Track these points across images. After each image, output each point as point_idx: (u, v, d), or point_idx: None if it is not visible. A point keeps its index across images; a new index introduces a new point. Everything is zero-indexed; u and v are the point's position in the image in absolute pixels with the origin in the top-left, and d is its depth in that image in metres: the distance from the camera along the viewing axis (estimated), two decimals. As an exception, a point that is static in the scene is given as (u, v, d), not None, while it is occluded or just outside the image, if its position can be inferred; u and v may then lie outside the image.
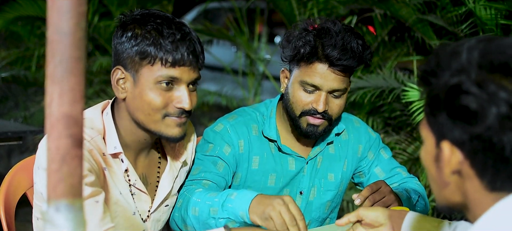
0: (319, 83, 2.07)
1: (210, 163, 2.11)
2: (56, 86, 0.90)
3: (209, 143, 2.16)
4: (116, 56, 1.77)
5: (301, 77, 2.09)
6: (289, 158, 2.22)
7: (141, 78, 1.73)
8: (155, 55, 1.71)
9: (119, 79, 1.76)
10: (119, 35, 1.76)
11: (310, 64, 2.07)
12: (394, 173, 2.32)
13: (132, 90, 1.75)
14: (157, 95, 1.73)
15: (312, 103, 2.09)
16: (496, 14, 3.38)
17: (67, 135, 0.91)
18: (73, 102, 0.91)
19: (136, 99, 1.75)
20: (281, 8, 4.54)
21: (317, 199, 2.27)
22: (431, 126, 1.10)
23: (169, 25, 1.73)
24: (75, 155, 0.91)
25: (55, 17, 0.90)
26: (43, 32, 5.47)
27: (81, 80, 0.92)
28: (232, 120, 2.20)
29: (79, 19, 0.90)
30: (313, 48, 2.05)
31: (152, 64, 1.72)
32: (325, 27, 2.09)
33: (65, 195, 0.91)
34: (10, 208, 1.94)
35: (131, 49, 1.73)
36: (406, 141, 3.82)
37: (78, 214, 0.92)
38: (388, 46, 4.14)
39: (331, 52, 2.04)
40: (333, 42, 2.04)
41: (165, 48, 1.71)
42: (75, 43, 0.90)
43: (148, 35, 1.72)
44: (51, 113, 0.91)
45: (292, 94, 2.13)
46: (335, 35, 2.06)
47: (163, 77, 1.72)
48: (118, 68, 1.75)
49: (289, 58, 2.12)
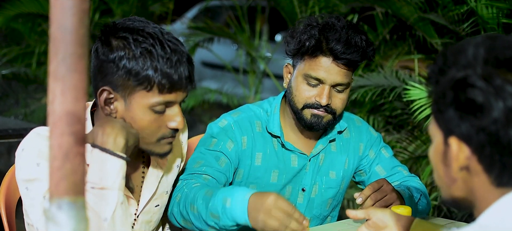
0: (323, 76, 2.09)
1: (213, 157, 2.11)
2: (59, 84, 0.90)
3: (213, 137, 2.16)
4: (102, 74, 1.65)
5: (305, 70, 2.11)
6: (292, 155, 2.22)
7: (134, 103, 1.66)
8: (152, 81, 1.63)
9: (107, 100, 1.67)
10: (106, 52, 1.64)
11: (314, 57, 2.09)
12: (395, 172, 2.32)
13: (123, 113, 1.68)
14: (152, 120, 1.68)
15: (315, 97, 2.12)
16: (498, 13, 3.37)
17: (69, 132, 0.90)
18: (76, 100, 0.91)
19: (128, 122, 1.68)
20: (282, 6, 4.53)
21: (318, 196, 2.26)
22: (438, 123, 1.11)
23: (163, 45, 1.64)
24: (77, 152, 0.91)
25: (58, 14, 0.89)
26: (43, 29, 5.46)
27: (84, 77, 0.91)
28: (236, 116, 2.20)
29: (82, 16, 0.90)
30: (318, 41, 2.08)
31: (148, 90, 1.64)
32: (330, 22, 2.10)
33: (67, 193, 0.90)
34: (10, 205, 1.94)
35: (122, 71, 1.63)
36: (407, 140, 3.81)
37: (80, 212, 0.91)
38: (389, 45, 4.13)
39: (336, 46, 2.06)
40: (337, 37, 2.06)
41: (163, 74, 1.63)
42: (78, 40, 0.90)
43: (143, 57, 1.62)
44: (53, 111, 0.90)
45: (295, 87, 2.15)
46: (339, 29, 2.08)
47: (160, 103, 1.66)
48: (105, 89, 1.65)
49: (293, 51, 2.14)
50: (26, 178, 1.66)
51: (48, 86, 0.91)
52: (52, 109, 0.90)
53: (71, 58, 0.90)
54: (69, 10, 0.89)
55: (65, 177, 0.90)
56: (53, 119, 0.90)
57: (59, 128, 0.90)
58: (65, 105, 0.90)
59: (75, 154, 0.91)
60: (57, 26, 0.90)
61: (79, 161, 0.91)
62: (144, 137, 1.70)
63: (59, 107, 0.90)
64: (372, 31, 4.17)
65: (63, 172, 0.90)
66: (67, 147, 0.90)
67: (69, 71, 0.90)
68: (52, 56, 0.90)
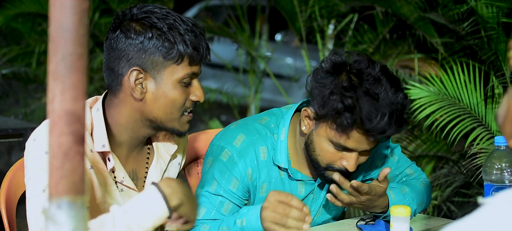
0: (354, 146, 1.91)
1: (216, 205, 2.03)
2: (58, 83, 0.90)
3: (214, 178, 2.03)
4: (126, 58, 1.72)
5: (332, 137, 1.91)
6: (299, 183, 2.10)
7: (164, 78, 1.73)
8: (183, 54, 1.72)
9: (137, 80, 1.73)
10: (131, 36, 1.72)
11: (346, 130, 1.88)
12: (402, 177, 2.26)
13: (155, 91, 1.74)
14: (181, 94, 1.75)
15: (342, 161, 1.95)
16: (498, 12, 3.37)
17: (69, 131, 0.90)
18: (75, 99, 0.91)
19: (158, 99, 1.74)
20: (282, 5, 4.53)
21: (321, 217, 2.21)
22: None
23: (183, 20, 1.73)
24: (77, 151, 0.91)
25: (57, 13, 0.89)
26: (43, 29, 5.46)
27: (83, 77, 0.91)
28: (239, 144, 2.03)
29: (82, 15, 0.90)
30: (354, 120, 1.84)
31: (178, 63, 1.72)
32: (366, 90, 1.85)
33: (67, 192, 0.90)
34: (11, 205, 1.93)
35: (153, 49, 1.71)
36: (407, 139, 3.81)
37: (80, 212, 0.91)
38: (389, 44, 4.13)
39: (376, 126, 1.84)
40: (375, 113, 1.83)
41: (192, 45, 1.72)
42: (78, 40, 0.90)
43: (170, 33, 1.71)
44: (53, 110, 0.90)
45: (319, 146, 1.95)
46: (376, 99, 1.84)
47: (188, 75, 1.74)
48: (135, 69, 1.72)
49: (322, 116, 1.90)
50: (34, 167, 1.66)
51: (47, 86, 0.91)
52: (52, 108, 0.90)
53: (70, 57, 0.90)
54: (69, 10, 0.89)
55: (65, 177, 0.90)
56: (53, 118, 0.90)
57: (59, 127, 0.90)
58: (64, 105, 0.90)
59: (75, 153, 0.91)
60: (56, 25, 0.89)
61: (78, 161, 0.91)
62: (171, 112, 1.76)
63: (58, 106, 0.90)
64: (372, 30, 4.17)
65: (62, 171, 0.90)
66: (66, 146, 0.90)
67: (68, 70, 0.90)
68: (51, 55, 0.90)
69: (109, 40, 1.76)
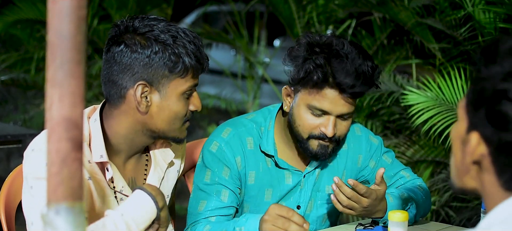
0: (329, 108, 2.01)
1: (214, 194, 2.08)
2: (56, 90, 0.91)
3: (206, 168, 2.11)
4: (130, 72, 1.73)
5: (309, 101, 2.03)
6: (286, 172, 2.17)
7: (169, 91, 1.75)
8: (188, 67, 1.74)
9: (142, 94, 1.74)
10: (136, 50, 1.71)
11: (319, 89, 2.00)
12: (397, 177, 2.28)
13: (159, 104, 1.76)
14: (184, 105, 1.78)
15: (320, 127, 2.04)
16: (495, 17, 3.38)
17: (67, 138, 0.91)
18: (73, 106, 0.91)
19: (163, 112, 1.76)
20: (280, 11, 4.54)
21: (314, 212, 2.23)
22: (468, 112, 1.11)
23: (184, 32, 1.75)
24: (75, 157, 0.92)
25: (55, 20, 0.90)
26: (42, 35, 5.47)
27: (81, 83, 0.92)
28: (226, 136, 2.13)
29: (80, 22, 0.91)
30: (325, 75, 1.97)
31: (183, 77, 1.74)
32: (334, 49, 2.00)
33: (65, 198, 0.91)
34: (10, 211, 1.94)
35: (160, 63, 1.72)
36: (405, 144, 3.82)
37: (78, 217, 0.92)
38: (387, 50, 4.14)
39: (344, 80, 1.97)
40: (344, 69, 1.97)
41: (196, 58, 1.74)
42: (76, 47, 0.90)
43: (175, 47, 1.72)
44: (51, 117, 0.91)
45: (298, 116, 2.06)
46: (345, 58, 1.98)
47: (191, 87, 1.77)
48: (141, 83, 1.73)
49: (297, 81, 2.03)
50: (34, 176, 1.66)
51: (45, 92, 0.92)
52: (50, 115, 0.91)
53: (68, 64, 0.90)
54: (67, 17, 0.90)
55: (63, 182, 0.91)
56: (51, 125, 0.91)
57: (57, 133, 0.91)
58: (62, 111, 0.90)
59: (73, 159, 0.91)
60: (54, 32, 0.90)
61: (76, 167, 0.91)
62: (174, 123, 1.79)
63: (56, 113, 0.90)
64: (369, 36, 4.18)
65: (60, 177, 0.91)
66: (64, 152, 0.91)
67: (66, 77, 0.90)
68: (49, 62, 0.91)
69: (111, 53, 1.74)
